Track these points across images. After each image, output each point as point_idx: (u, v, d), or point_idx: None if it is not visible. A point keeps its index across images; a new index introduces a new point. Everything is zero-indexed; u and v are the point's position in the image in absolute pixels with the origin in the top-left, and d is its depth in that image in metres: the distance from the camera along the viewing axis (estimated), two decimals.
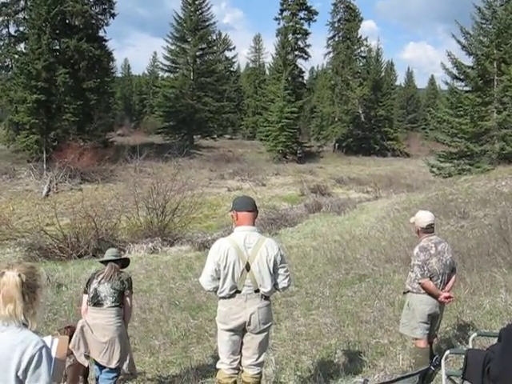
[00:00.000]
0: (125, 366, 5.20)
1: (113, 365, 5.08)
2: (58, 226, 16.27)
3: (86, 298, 5.36)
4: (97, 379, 5.34)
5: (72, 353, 5.14)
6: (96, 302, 5.20)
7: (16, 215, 23.79)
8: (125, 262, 5.78)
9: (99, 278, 5.28)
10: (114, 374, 5.20)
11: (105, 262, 5.55)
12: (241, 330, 4.39)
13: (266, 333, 4.48)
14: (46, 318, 8.61)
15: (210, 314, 8.00)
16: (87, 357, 5.18)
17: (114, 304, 5.19)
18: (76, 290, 11.14)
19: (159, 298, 10.04)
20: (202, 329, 7.78)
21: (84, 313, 5.35)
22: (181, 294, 10.26)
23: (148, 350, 7.12)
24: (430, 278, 5.23)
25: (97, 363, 5.25)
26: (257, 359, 4.45)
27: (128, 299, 5.36)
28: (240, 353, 4.47)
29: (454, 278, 5.48)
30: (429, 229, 5.36)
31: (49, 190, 30.43)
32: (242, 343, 4.46)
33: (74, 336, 5.18)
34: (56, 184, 31.35)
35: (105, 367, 5.18)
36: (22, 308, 2.52)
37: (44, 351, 2.50)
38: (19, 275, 2.53)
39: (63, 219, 17.83)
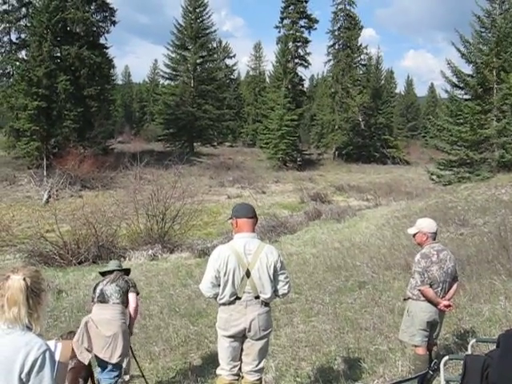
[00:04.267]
0: (125, 364, 5.30)
1: (114, 360, 5.17)
2: (58, 233, 16.26)
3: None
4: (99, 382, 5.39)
5: (75, 356, 5.18)
6: (101, 299, 5.39)
7: (16, 222, 23.78)
8: (127, 271, 5.91)
9: (105, 282, 5.49)
10: (116, 373, 5.28)
11: (109, 272, 5.68)
12: (241, 337, 4.40)
13: (266, 339, 4.48)
14: (46, 323, 8.60)
15: (210, 321, 8.00)
16: (89, 352, 5.22)
17: (118, 301, 5.37)
18: (76, 297, 11.16)
19: (159, 305, 10.04)
20: (202, 335, 7.78)
21: None
22: (181, 300, 10.26)
23: (148, 356, 7.12)
24: (431, 286, 5.21)
25: (99, 364, 5.33)
26: (257, 365, 4.45)
27: (132, 297, 5.47)
28: (240, 359, 4.48)
29: (455, 286, 5.45)
30: (436, 234, 5.40)
31: (49, 197, 30.43)
32: (242, 349, 4.46)
33: (78, 331, 5.29)
34: (56, 191, 31.34)
35: (106, 367, 5.27)
36: (26, 311, 2.54)
37: (47, 354, 2.53)
38: (24, 279, 2.56)
39: (63, 226, 17.83)
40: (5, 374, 2.48)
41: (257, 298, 4.33)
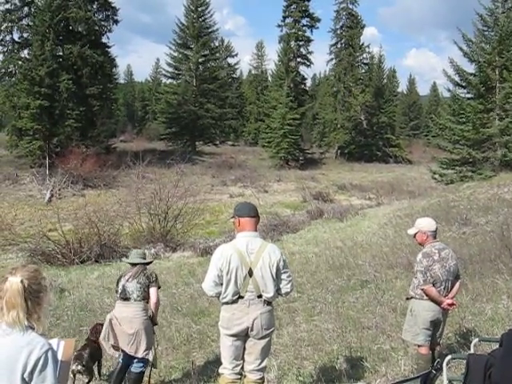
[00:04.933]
0: (150, 357, 5.56)
1: (140, 354, 5.46)
2: (61, 232, 16.27)
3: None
4: (121, 368, 5.69)
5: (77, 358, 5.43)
6: (124, 296, 5.58)
7: (18, 221, 23.79)
8: (149, 263, 6.06)
9: (127, 277, 5.64)
10: (142, 364, 5.60)
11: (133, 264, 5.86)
12: (243, 336, 4.40)
13: (268, 338, 4.49)
14: (48, 323, 8.61)
15: (213, 320, 8.01)
16: (116, 348, 5.59)
17: (139, 298, 5.55)
18: (78, 296, 11.17)
19: (161, 304, 9.95)
20: (205, 334, 7.79)
21: None
22: (183, 299, 10.27)
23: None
24: (433, 285, 5.21)
25: (125, 353, 5.62)
26: (259, 364, 4.46)
27: (153, 291, 5.61)
28: (242, 358, 4.48)
29: (457, 284, 5.45)
30: (436, 233, 5.39)
31: (51, 196, 30.47)
32: (244, 348, 4.47)
33: (104, 329, 5.60)
34: (59, 190, 31.40)
35: (135, 358, 5.56)
36: (25, 314, 2.54)
37: (50, 354, 2.53)
38: (21, 281, 2.55)
39: (66, 225, 17.86)
40: (7, 373, 2.48)
41: (259, 296, 4.34)
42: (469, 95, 29.52)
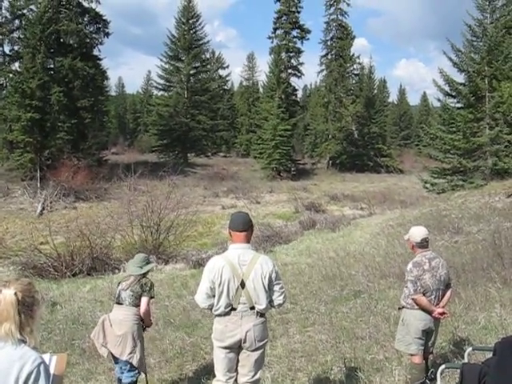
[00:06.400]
0: (134, 362, 5.62)
1: (124, 357, 5.60)
2: (52, 245, 16.18)
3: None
4: (119, 380, 5.86)
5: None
6: (118, 301, 5.85)
7: (10, 234, 23.69)
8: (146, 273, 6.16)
9: (123, 285, 5.88)
10: (133, 373, 5.73)
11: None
12: (237, 348, 4.38)
13: (261, 350, 4.46)
14: (40, 336, 8.54)
15: (206, 332, 7.97)
16: (106, 348, 5.74)
17: (131, 305, 5.75)
18: (70, 309, 11.08)
19: (154, 316, 9.92)
20: (198, 346, 7.74)
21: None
22: (176, 312, 10.21)
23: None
24: (424, 294, 5.22)
25: (115, 361, 5.80)
26: (253, 376, 4.43)
27: (143, 301, 5.78)
28: (236, 370, 4.46)
29: (448, 293, 5.45)
30: (423, 243, 5.37)
31: (43, 209, 30.35)
32: (238, 361, 4.44)
33: (96, 327, 5.82)
34: (50, 202, 31.28)
35: (119, 362, 5.74)
36: (17, 326, 2.52)
37: (42, 367, 2.51)
38: (15, 294, 2.54)
39: (57, 238, 17.75)
40: None
41: (252, 308, 4.32)
42: (459, 105, 29.77)
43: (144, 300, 5.76)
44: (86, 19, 44.68)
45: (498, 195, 18.87)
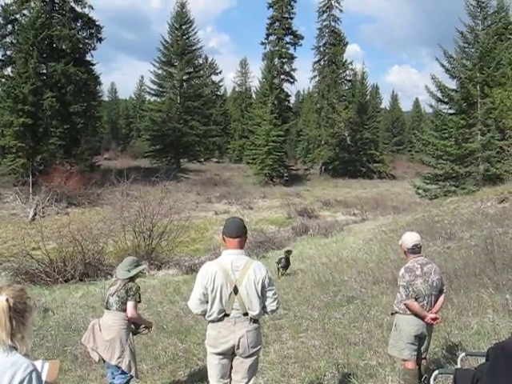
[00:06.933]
0: (124, 366, 5.61)
1: (113, 361, 5.60)
2: (45, 251, 16.08)
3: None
4: None
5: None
6: (106, 306, 5.85)
7: (1, 239, 23.55)
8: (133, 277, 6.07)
9: (111, 290, 5.86)
10: (124, 376, 5.71)
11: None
12: (230, 354, 4.36)
13: (255, 356, 4.45)
14: (32, 343, 8.47)
15: (199, 338, 7.95)
16: (96, 352, 5.74)
17: (118, 309, 5.72)
18: (62, 315, 11.01)
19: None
20: (191, 353, 7.71)
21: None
22: (168, 317, 10.17)
23: None
24: (416, 299, 5.22)
25: (107, 365, 5.78)
26: (246, 383, 4.41)
27: (129, 305, 5.70)
28: (229, 376, 4.44)
29: (441, 299, 5.45)
30: (415, 249, 5.38)
31: (35, 214, 30.21)
32: (231, 367, 4.43)
33: (86, 331, 5.84)
34: (42, 208, 31.14)
35: (110, 367, 5.71)
36: (8, 333, 2.50)
37: (34, 375, 2.48)
38: (7, 300, 2.51)
39: (49, 243, 17.67)
40: None
41: (245, 314, 4.30)
42: (451, 111, 29.95)
43: (129, 304, 5.69)
44: (78, 24, 44.72)
45: (490, 201, 18.95)
